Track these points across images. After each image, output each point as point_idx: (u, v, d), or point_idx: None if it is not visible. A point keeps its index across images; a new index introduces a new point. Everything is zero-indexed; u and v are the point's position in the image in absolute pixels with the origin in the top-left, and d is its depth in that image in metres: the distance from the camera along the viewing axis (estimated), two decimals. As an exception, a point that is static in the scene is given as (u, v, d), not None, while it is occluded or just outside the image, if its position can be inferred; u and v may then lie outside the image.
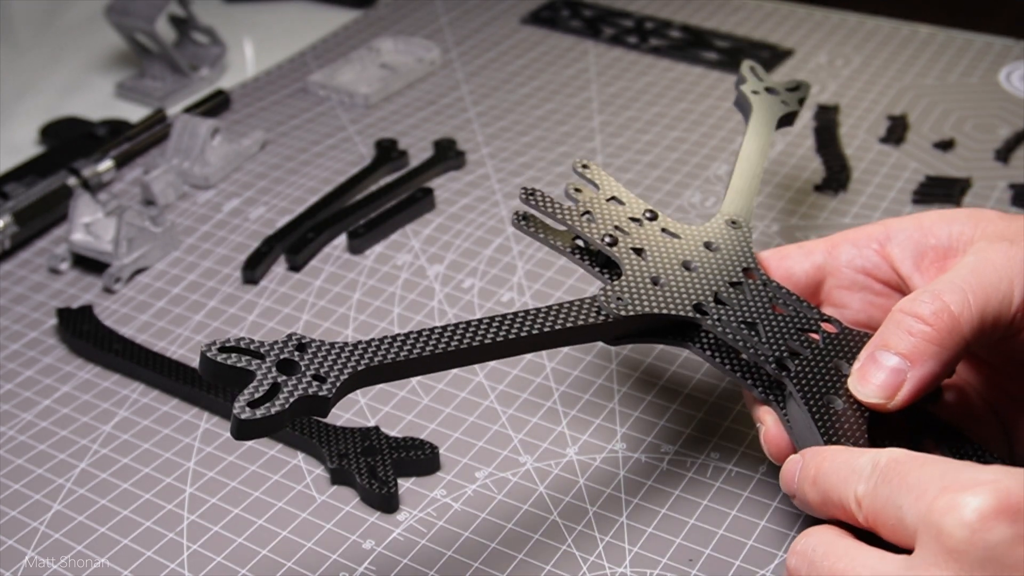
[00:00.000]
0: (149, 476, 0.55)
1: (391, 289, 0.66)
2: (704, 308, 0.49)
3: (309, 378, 0.40)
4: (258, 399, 0.39)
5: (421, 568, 0.50)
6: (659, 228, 0.52)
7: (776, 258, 0.52)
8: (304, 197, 0.75)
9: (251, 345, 0.41)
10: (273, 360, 0.41)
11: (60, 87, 0.93)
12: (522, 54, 0.92)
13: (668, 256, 0.51)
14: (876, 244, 0.50)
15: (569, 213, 0.51)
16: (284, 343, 0.41)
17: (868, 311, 0.51)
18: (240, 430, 0.39)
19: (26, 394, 0.60)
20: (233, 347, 0.40)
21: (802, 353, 0.47)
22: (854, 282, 0.51)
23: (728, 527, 0.51)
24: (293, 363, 0.41)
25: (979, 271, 0.45)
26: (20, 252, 0.72)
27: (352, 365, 0.41)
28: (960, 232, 0.48)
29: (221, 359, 0.40)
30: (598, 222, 0.51)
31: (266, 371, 0.40)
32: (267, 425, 0.39)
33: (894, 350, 0.44)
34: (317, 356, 0.41)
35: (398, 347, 0.42)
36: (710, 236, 0.52)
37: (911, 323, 0.44)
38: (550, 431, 0.56)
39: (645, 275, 0.49)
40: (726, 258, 0.51)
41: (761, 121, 0.59)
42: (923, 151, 0.76)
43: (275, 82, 0.90)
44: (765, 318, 0.48)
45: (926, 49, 0.89)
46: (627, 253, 0.50)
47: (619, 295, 0.48)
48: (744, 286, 0.50)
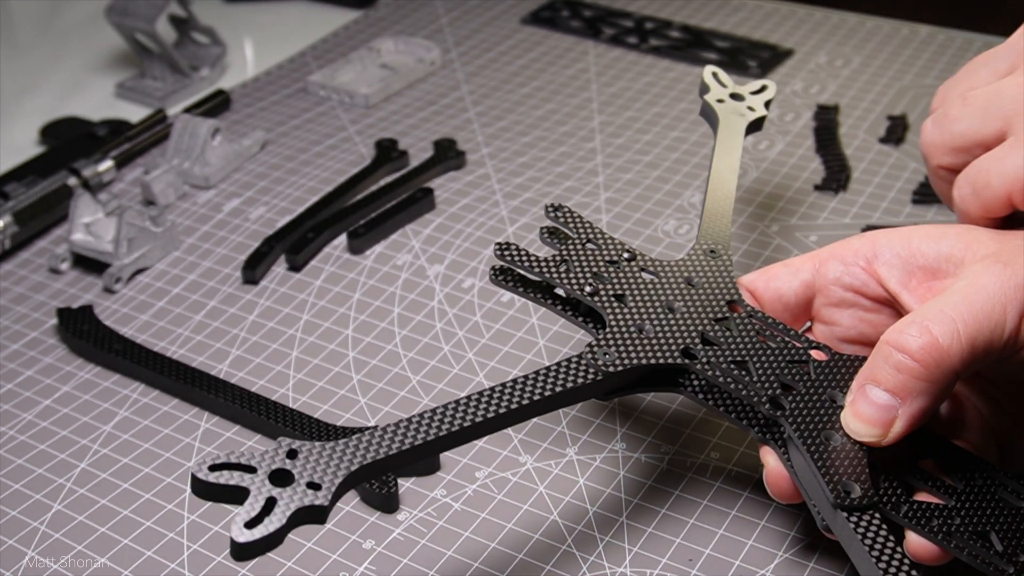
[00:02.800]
0: (149, 476, 0.55)
1: (391, 289, 0.66)
2: (692, 352, 0.47)
3: (304, 487, 0.40)
4: (254, 518, 0.39)
5: (421, 568, 0.50)
6: (638, 269, 0.51)
7: (763, 280, 0.51)
8: (304, 197, 0.75)
9: (241, 459, 0.40)
10: (265, 471, 0.40)
11: (60, 87, 0.93)
12: (522, 54, 0.92)
13: (650, 300, 0.49)
14: (863, 261, 0.49)
15: (546, 265, 0.50)
16: (275, 452, 0.41)
17: (859, 327, 0.50)
18: (240, 553, 0.39)
19: (26, 394, 0.61)
20: (223, 464, 0.40)
21: (795, 388, 0.46)
22: (843, 300, 0.50)
23: (728, 527, 0.51)
24: (286, 472, 0.40)
25: (970, 298, 0.44)
26: (20, 252, 0.72)
27: (345, 467, 0.41)
28: (950, 252, 0.47)
29: (213, 479, 0.40)
30: (575, 271, 0.50)
31: (259, 485, 0.40)
32: (266, 543, 0.39)
33: (883, 385, 0.44)
34: (309, 461, 0.41)
35: (388, 440, 0.42)
36: (690, 271, 0.51)
37: (898, 358, 0.43)
38: (550, 431, 0.56)
39: (629, 324, 0.48)
40: (709, 293, 0.50)
41: (729, 133, 0.58)
42: (923, 151, 0.76)
43: (275, 82, 0.90)
44: (754, 354, 0.47)
45: (926, 49, 0.89)
46: (609, 302, 0.49)
47: (605, 351, 0.47)
48: (730, 321, 0.49)
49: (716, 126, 0.59)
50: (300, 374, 0.61)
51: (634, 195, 0.73)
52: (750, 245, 0.68)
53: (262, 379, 0.60)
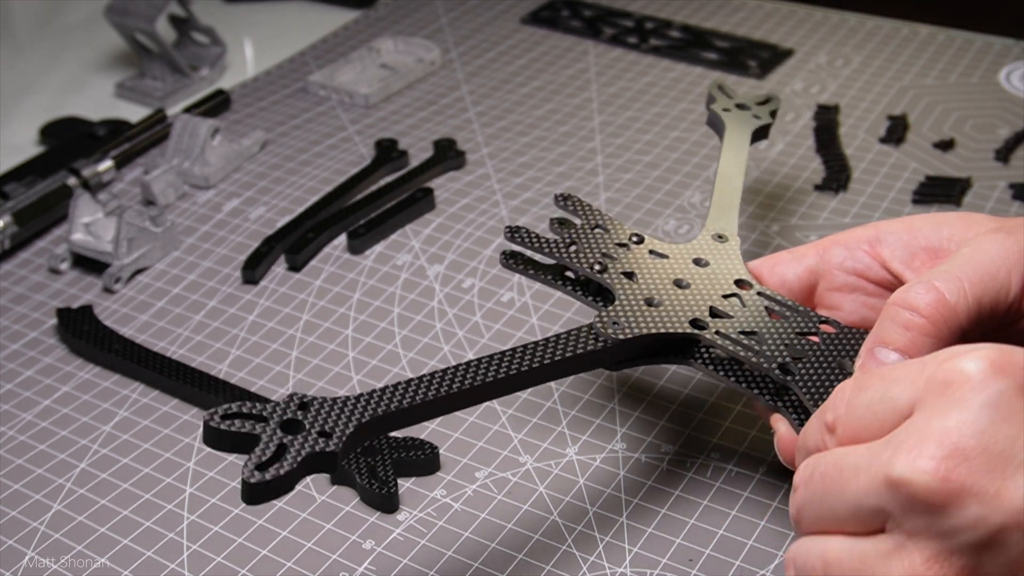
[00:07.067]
0: (149, 476, 0.55)
1: (391, 289, 0.66)
2: (701, 323, 0.49)
3: (315, 435, 0.41)
4: (265, 461, 0.39)
5: (421, 568, 0.50)
6: (647, 250, 0.52)
7: (768, 266, 0.52)
8: (304, 197, 0.75)
9: (253, 409, 0.41)
10: (277, 421, 0.41)
11: (60, 87, 0.93)
12: (522, 54, 0.92)
13: (659, 276, 0.51)
14: (867, 245, 0.50)
15: (555, 246, 0.52)
16: (286, 404, 0.41)
17: (862, 312, 0.51)
18: (251, 494, 0.39)
19: (26, 394, 0.60)
20: (235, 413, 0.41)
21: (804, 356, 0.47)
22: (846, 284, 0.51)
23: (728, 527, 0.51)
24: (297, 422, 0.41)
25: (975, 260, 0.44)
26: (20, 252, 0.72)
27: (356, 418, 0.42)
28: (951, 234, 0.48)
29: (225, 426, 0.40)
30: (585, 252, 0.51)
31: (271, 433, 0.40)
32: (277, 486, 0.39)
33: (892, 346, 0.44)
34: (320, 412, 0.42)
35: (400, 395, 0.43)
36: (698, 253, 0.52)
37: (906, 316, 0.43)
38: (550, 431, 0.56)
39: (639, 297, 0.49)
40: (717, 272, 0.51)
41: (736, 137, 0.60)
42: (923, 151, 0.76)
43: (275, 82, 0.90)
44: (764, 325, 0.48)
45: (926, 49, 0.89)
46: (618, 278, 0.50)
47: (615, 319, 0.48)
48: (739, 297, 0.50)
49: (723, 132, 0.60)
50: (300, 374, 0.61)
51: (634, 195, 0.73)
52: (750, 245, 0.68)
53: (262, 379, 0.60)
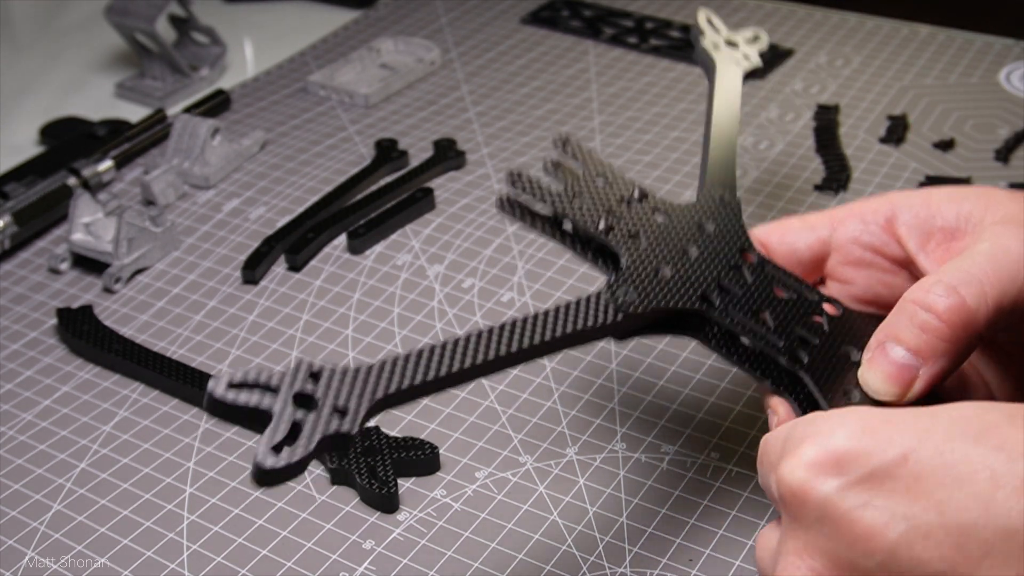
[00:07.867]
0: (149, 476, 0.55)
1: (391, 289, 0.66)
2: (710, 298, 0.47)
3: (329, 412, 0.38)
4: (280, 442, 0.37)
5: (421, 568, 0.50)
6: (650, 209, 0.50)
7: (778, 234, 0.50)
8: (304, 197, 0.75)
9: (260, 378, 0.38)
10: (287, 393, 0.38)
11: (60, 87, 0.93)
12: (522, 54, 0.92)
13: (666, 242, 0.49)
14: (882, 220, 0.49)
15: (559, 199, 0.49)
16: (295, 371, 0.39)
17: (874, 288, 0.49)
18: (264, 479, 0.37)
19: (26, 394, 0.60)
20: (243, 382, 0.38)
21: (811, 341, 0.46)
22: (861, 259, 0.49)
23: (728, 527, 0.51)
24: (308, 396, 0.39)
25: (996, 260, 0.43)
26: (20, 252, 0.72)
27: (371, 393, 0.39)
28: (969, 212, 0.46)
29: (232, 397, 0.37)
30: (588, 207, 0.49)
31: (283, 407, 0.38)
32: (290, 471, 0.37)
33: (905, 345, 0.43)
34: (332, 384, 0.39)
35: (413, 368, 0.41)
36: (703, 215, 0.50)
37: (924, 317, 0.42)
38: (550, 431, 0.56)
39: (647, 265, 0.48)
40: (723, 239, 0.49)
41: (727, 80, 0.57)
42: (923, 151, 0.76)
43: (275, 82, 0.90)
44: (770, 304, 0.47)
45: (926, 49, 0.89)
46: (625, 241, 0.48)
47: (626, 290, 0.46)
48: (744, 269, 0.48)
49: (712, 73, 0.58)
50: (300, 374, 0.61)
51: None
52: (750, 245, 0.68)
53: (262, 379, 0.60)
